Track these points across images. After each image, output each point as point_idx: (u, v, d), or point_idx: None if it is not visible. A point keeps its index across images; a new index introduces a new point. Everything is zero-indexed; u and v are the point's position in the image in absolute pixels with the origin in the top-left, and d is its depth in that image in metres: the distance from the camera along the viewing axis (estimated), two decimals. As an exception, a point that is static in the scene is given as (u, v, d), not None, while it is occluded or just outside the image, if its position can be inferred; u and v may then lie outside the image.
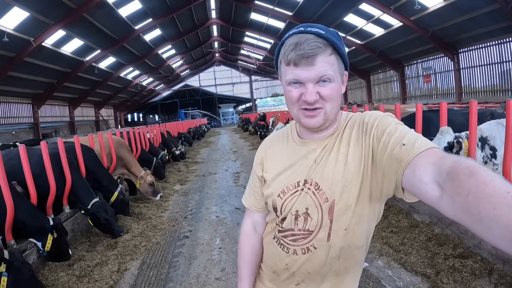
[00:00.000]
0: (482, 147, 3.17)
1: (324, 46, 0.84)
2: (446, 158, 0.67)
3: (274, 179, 1.00)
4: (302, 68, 0.85)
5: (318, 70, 0.84)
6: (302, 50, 0.83)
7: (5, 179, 2.96)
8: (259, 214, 1.11)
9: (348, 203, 0.88)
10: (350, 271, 0.99)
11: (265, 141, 1.13)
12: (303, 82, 0.86)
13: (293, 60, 0.85)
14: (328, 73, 0.85)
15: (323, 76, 0.85)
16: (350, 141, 0.90)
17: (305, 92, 0.86)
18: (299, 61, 0.84)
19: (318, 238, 0.92)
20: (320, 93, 0.86)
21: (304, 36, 0.85)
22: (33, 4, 11.16)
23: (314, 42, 0.83)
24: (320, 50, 0.84)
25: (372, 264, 2.98)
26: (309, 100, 0.86)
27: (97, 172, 4.53)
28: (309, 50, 0.83)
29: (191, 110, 36.82)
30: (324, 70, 0.84)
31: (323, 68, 0.84)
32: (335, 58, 0.87)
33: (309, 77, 0.85)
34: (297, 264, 0.97)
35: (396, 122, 0.86)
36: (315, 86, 0.86)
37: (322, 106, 0.87)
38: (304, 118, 0.90)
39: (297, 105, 0.90)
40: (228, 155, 11.21)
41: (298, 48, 0.84)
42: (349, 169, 0.88)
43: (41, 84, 17.27)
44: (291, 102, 0.91)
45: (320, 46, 0.84)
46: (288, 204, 0.95)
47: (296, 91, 0.88)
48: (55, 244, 3.19)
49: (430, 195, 0.66)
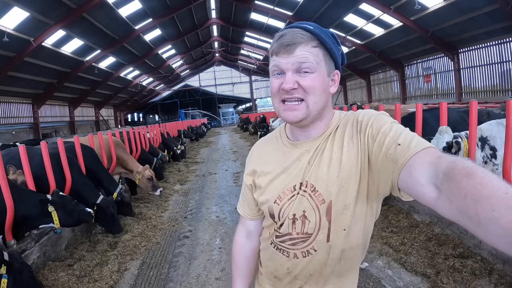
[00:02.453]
0: (482, 147, 3.16)
1: (308, 38, 0.84)
2: (442, 158, 0.66)
3: (268, 185, 0.97)
4: (282, 56, 0.84)
5: (296, 58, 0.83)
6: (283, 39, 0.84)
7: (5, 179, 2.96)
8: (253, 222, 1.10)
9: (346, 202, 0.86)
10: (351, 271, 0.99)
11: (255, 148, 1.09)
12: (284, 70, 0.85)
13: (275, 50, 0.85)
14: (309, 61, 0.83)
15: (303, 64, 0.83)
16: (344, 140, 0.88)
17: (284, 79, 0.85)
18: (279, 50, 0.85)
19: (318, 240, 0.91)
20: (299, 83, 0.84)
21: (291, 30, 0.86)
22: (33, 4, 11.15)
23: (297, 34, 0.84)
24: (302, 40, 0.83)
25: (372, 264, 2.98)
26: (286, 87, 0.84)
27: (98, 172, 4.54)
28: (290, 39, 0.83)
29: (191, 110, 36.81)
30: (304, 58, 0.83)
31: (303, 56, 0.83)
32: (321, 52, 0.85)
33: (287, 65, 0.84)
34: (298, 268, 0.96)
35: (391, 121, 0.84)
36: (295, 75, 0.84)
37: (303, 98, 0.85)
38: (284, 112, 0.88)
39: (278, 96, 0.88)
40: (228, 155, 11.21)
41: (281, 39, 0.85)
42: (345, 169, 0.85)
43: (41, 84, 17.26)
44: (273, 93, 0.90)
45: (302, 37, 0.84)
46: (286, 209, 0.93)
47: (277, 81, 0.87)
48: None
49: (427, 197, 0.65)
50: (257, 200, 1.02)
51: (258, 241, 1.11)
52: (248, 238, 1.12)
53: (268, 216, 0.99)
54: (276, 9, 18.55)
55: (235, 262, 1.13)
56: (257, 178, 1.01)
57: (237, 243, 1.14)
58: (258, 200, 1.01)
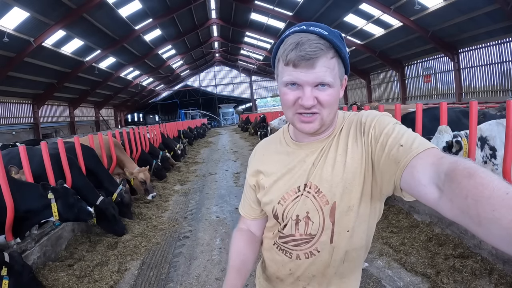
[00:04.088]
0: (481, 147, 3.16)
1: (326, 49, 0.80)
2: (444, 159, 0.67)
3: (272, 186, 0.96)
4: (302, 70, 0.80)
5: (318, 74, 0.80)
6: (303, 51, 0.78)
7: (5, 178, 2.96)
8: (253, 221, 1.09)
9: (350, 204, 0.87)
10: (354, 272, 0.99)
11: (258, 148, 1.08)
12: (301, 84, 0.82)
13: (292, 60, 0.80)
14: (328, 79, 0.81)
15: (322, 81, 0.81)
16: (348, 142, 0.88)
17: (302, 96, 0.82)
18: (299, 62, 0.79)
19: (321, 241, 0.91)
20: (318, 98, 0.82)
21: (306, 36, 0.80)
22: (33, 4, 11.16)
23: (316, 44, 0.79)
24: (322, 53, 0.79)
25: (372, 264, 2.98)
26: (306, 104, 0.82)
27: (98, 172, 4.54)
28: (310, 51, 0.78)
29: (191, 110, 36.80)
30: (324, 75, 0.80)
31: (323, 72, 0.80)
32: (336, 62, 0.83)
33: (308, 80, 0.81)
34: (301, 269, 0.95)
35: (394, 122, 0.84)
36: (313, 90, 0.82)
37: (319, 112, 0.84)
38: (300, 123, 0.86)
39: (293, 109, 0.85)
40: (228, 155, 11.21)
41: (299, 48, 0.79)
42: (349, 170, 0.86)
43: (41, 84, 17.26)
44: (287, 105, 0.86)
45: (322, 48, 0.79)
46: (290, 210, 0.93)
47: (293, 94, 0.84)
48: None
49: (429, 197, 0.65)
50: (260, 200, 1.02)
51: (257, 236, 1.09)
52: (248, 230, 1.10)
53: (272, 216, 0.98)
54: (276, 9, 18.54)
55: (233, 244, 1.07)
56: (260, 178, 1.00)
57: (238, 228, 1.11)
58: (261, 200, 1.00)
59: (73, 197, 3.27)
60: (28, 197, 3.11)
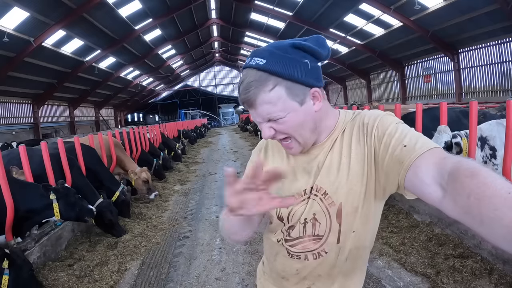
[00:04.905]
0: (481, 147, 3.16)
1: (262, 82, 0.78)
2: (447, 159, 0.67)
3: (276, 190, 0.93)
4: (250, 111, 0.85)
5: (261, 114, 0.82)
6: (242, 95, 0.82)
7: (5, 178, 2.96)
8: None
9: (355, 205, 0.87)
10: (357, 271, 1.00)
11: (260, 146, 1.07)
12: (257, 121, 0.86)
13: (244, 105, 0.85)
14: (272, 115, 0.81)
15: (268, 117, 0.82)
16: (351, 143, 0.88)
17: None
18: (243, 104, 0.84)
19: (329, 242, 0.91)
20: (275, 129, 0.85)
21: (246, 73, 0.82)
22: (33, 4, 11.15)
23: (250, 82, 0.80)
24: (256, 91, 0.79)
25: (372, 264, 2.98)
26: (265, 137, 0.86)
27: (99, 171, 4.54)
28: (245, 95, 0.81)
29: (191, 110, 36.81)
30: (266, 113, 0.82)
31: (265, 110, 0.81)
32: (281, 89, 0.79)
33: (257, 118, 0.85)
34: (308, 269, 0.96)
35: (397, 121, 0.84)
36: (269, 123, 0.84)
37: (289, 136, 0.86)
38: (288, 150, 0.91)
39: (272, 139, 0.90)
40: (228, 155, 11.21)
41: (240, 89, 0.82)
42: (353, 171, 0.86)
43: (41, 84, 17.26)
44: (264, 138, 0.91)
45: (255, 85, 0.79)
46: (296, 212, 0.92)
47: (262, 128, 0.88)
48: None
49: (433, 196, 0.66)
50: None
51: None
52: None
53: (276, 218, 0.97)
54: (276, 9, 18.54)
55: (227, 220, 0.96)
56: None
57: None
58: None
59: (75, 196, 3.27)
60: (30, 197, 3.11)
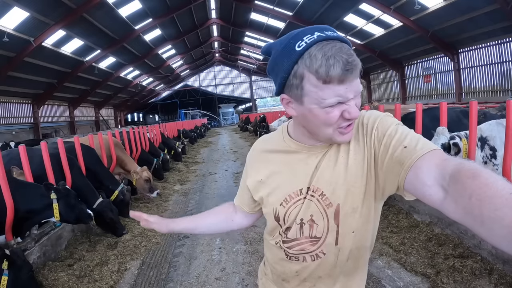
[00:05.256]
0: (482, 147, 3.16)
1: None
2: (448, 160, 0.68)
3: (274, 188, 0.95)
4: (347, 85, 0.75)
5: (358, 84, 0.78)
6: (347, 65, 0.72)
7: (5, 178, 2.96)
8: (244, 213, 1.13)
9: (354, 205, 0.87)
10: (359, 271, 1.00)
11: (255, 147, 1.06)
12: (347, 99, 0.77)
13: (337, 77, 0.72)
14: (360, 89, 0.80)
15: (359, 90, 0.79)
16: (350, 144, 0.87)
17: (347, 109, 0.77)
18: (345, 77, 0.73)
19: (326, 243, 0.91)
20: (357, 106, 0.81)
21: (337, 44, 0.74)
22: (33, 4, 11.16)
23: (349, 50, 0.75)
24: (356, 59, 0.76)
25: (372, 264, 2.98)
26: (355, 116, 0.78)
27: (98, 171, 4.54)
28: (352, 62, 0.73)
29: (191, 110, 36.81)
30: (360, 85, 0.79)
31: (359, 82, 0.79)
32: None
33: (353, 94, 0.77)
34: (307, 271, 0.96)
35: (396, 122, 0.84)
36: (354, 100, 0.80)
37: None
38: (341, 136, 0.83)
39: (335, 125, 0.81)
40: (228, 155, 11.21)
41: (340, 61, 0.72)
42: (352, 172, 0.85)
43: (41, 84, 17.27)
44: (329, 123, 0.80)
45: (353, 53, 0.76)
46: (292, 212, 0.92)
47: (337, 110, 0.78)
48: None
49: (434, 198, 0.66)
50: (260, 202, 1.01)
51: (241, 218, 1.15)
52: (234, 211, 1.16)
53: (273, 218, 0.96)
54: (276, 9, 18.56)
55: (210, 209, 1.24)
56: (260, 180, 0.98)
57: (226, 203, 1.20)
58: (262, 202, 0.99)
59: (75, 199, 3.28)
60: (30, 197, 3.11)
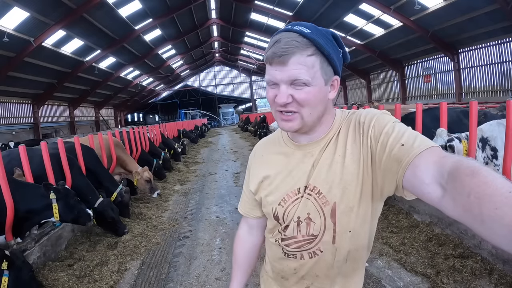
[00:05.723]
0: (483, 148, 3.16)
1: (303, 46, 0.79)
2: (447, 158, 0.66)
3: (272, 188, 0.96)
4: (276, 68, 0.81)
5: (290, 72, 0.79)
6: (277, 48, 0.79)
7: (5, 178, 2.96)
8: (254, 220, 1.10)
9: (350, 204, 0.86)
10: (357, 271, 1.00)
11: (256, 150, 1.07)
12: (277, 82, 0.82)
13: (269, 58, 0.81)
14: (302, 77, 0.79)
15: (296, 80, 0.79)
16: (346, 142, 0.87)
17: (278, 93, 0.82)
18: (272, 60, 0.80)
19: (323, 241, 0.91)
20: (293, 96, 0.81)
21: (286, 35, 0.80)
22: (33, 4, 11.16)
23: (291, 41, 0.78)
24: (296, 50, 0.78)
25: (372, 264, 2.98)
26: (279, 102, 0.82)
27: (98, 172, 4.54)
28: (283, 48, 0.78)
29: (191, 110, 36.80)
30: (298, 73, 0.79)
31: (297, 70, 0.79)
32: (317, 60, 0.80)
33: (281, 78, 0.80)
34: (305, 268, 0.96)
35: (393, 120, 0.83)
36: (289, 88, 0.81)
37: (297, 110, 0.83)
38: (280, 121, 0.87)
39: (274, 106, 0.86)
40: (228, 155, 11.21)
41: (275, 46, 0.79)
42: (348, 171, 0.85)
43: (41, 84, 17.28)
44: (269, 102, 0.87)
45: (296, 45, 0.78)
46: (290, 211, 0.93)
47: (272, 91, 0.84)
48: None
49: (432, 196, 0.65)
50: (260, 202, 1.02)
51: (259, 236, 1.12)
52: (250, 233, 1.13)
53: (272, 218, 0.98)
54: (276, 9, 18.56)
55: (235, 256, 1.15)
56: (261, 181, 1.00)
57: (239, 237, 1.15)
58: (262, 202, 1.00)
59: (74, 199, 3.28)
60: (30, 197, 3.11)
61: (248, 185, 1.05)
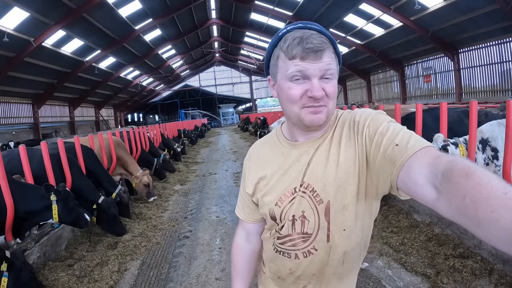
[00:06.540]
0: (483, 149, 3.15)
1: (329, 44, 0.83)
2: (440, 158, 0.66)
3: (269, 188, 0.96)
4: (310, 62, 0.81)
5: (325, 64, 0.81)
6: (310, 44, 0.80)
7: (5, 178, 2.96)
8: (252, 224, 1.09)
9: (344, 203, 0.86)
10: (352, 271, 1.00)
11: (252, 151, 1.07)
12: (309, 76, 0.81)
13: (299, 54, 0.80)
14: (333, 68, 0.83)
15: (329, 71, 0.82)
16: (341, 141, 0.87)
17: (310, 87, 0.81)
18: (307, 55, 0.80)
19: (318, 239, 0.91)
20: (324, 90, 0.82)
21: (308, 32, 0.82)
22: (33, 4, 11.16)
23: (320, 38, 0.82)
24: (326, 46, 0.82)
25: (372, 264, 2.98)
26: (317, 95, 0.81)
27: (97, 172, 4.54)
28: (317, 44, 0.80)
29: (191, 110, 36.81)
30: (330, 65, 0.82)
31: (330, 62, 0.82)
32: (335, 58, 0.85)
33: (315, 72, 0.81)
34: (301, 268, 0.96)
35: (388, 120, 0.83)
36: (320, 82, 0.82)
37: (326, 104, 0.84)
38: (309, 115, 0.84)
39: (300, 103, 0.84)
40: (228, 155, 11.21)
41: (305, 41, 0.80)
42: (342, 169, 0.85)
43: (41, 84, 17.28)
44: (292, 100, 0.84)
45: (325, 41, 0.82)
46: (288, 211, 0.93)
47: (300, 87, 0.82)
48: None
49: (426, 197, 0.64)
50: (257, 203, 1.01)
51: (257, 242, 1.11)
52: (248, 240, 1.12)
53: (269, 218, 0.98)
54: (276, 9, 18.56)
55: (235, 264, 1.14)
56: (257, 182, 1.00)
57: (237, 245, 1.14)
58: (258, 203, 1.00)
59: (74, 202, 3.29)
60: (30, 198, 3.11)
61: (245, 187, 1.04)
